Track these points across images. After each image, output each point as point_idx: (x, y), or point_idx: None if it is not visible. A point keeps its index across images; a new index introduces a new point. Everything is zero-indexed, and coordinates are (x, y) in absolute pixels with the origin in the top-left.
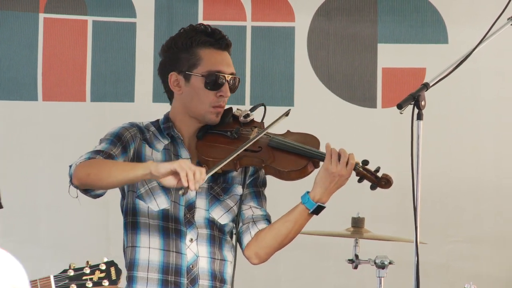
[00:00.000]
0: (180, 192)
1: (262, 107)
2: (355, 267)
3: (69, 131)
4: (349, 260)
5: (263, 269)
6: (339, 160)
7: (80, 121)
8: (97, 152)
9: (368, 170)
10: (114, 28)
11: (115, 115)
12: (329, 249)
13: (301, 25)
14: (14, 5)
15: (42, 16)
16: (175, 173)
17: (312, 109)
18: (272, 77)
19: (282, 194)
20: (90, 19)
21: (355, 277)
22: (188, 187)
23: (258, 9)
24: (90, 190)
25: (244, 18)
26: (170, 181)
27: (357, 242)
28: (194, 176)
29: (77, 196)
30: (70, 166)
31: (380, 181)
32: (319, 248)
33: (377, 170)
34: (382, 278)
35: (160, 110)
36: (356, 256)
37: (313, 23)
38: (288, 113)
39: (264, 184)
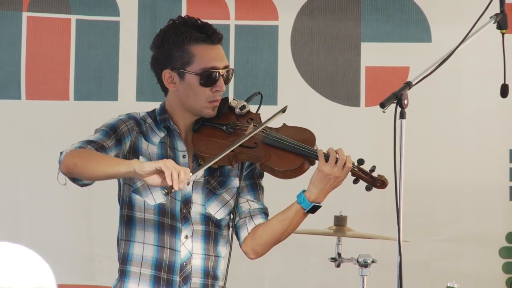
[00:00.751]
0: (164, 191)
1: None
2: (338, 266)
3: (53, 130)
4: (331, 258)
5: (247, 267)
6: (336, 161)
7: (64, 120)
8: (90, 142)
9: (363, 171)
10: (98, 27)
11: (99, 114)
12: (311, 247)
13: (285, 23)
14: None
15: (25, 14)
16: (160, 172)
17: (295, 108)
18: (255, 76)
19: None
20: (73, 17)
21: (338, 275)
22: (172, 187)
23: (242, 7)
24: (77, 179)
25: (227, 16)
26: (154, 180)
27: (339, 241)
28: (179, 176)
29: (65, 183)
30: (61, 153)
31: (376, 182)
32: (302, 247)
33: (373, 169)
34: (365, 277)
35: (144, 108)
36: (339, 254)
37: (296, 21)
38: (285, 109)
39: (261, 175)
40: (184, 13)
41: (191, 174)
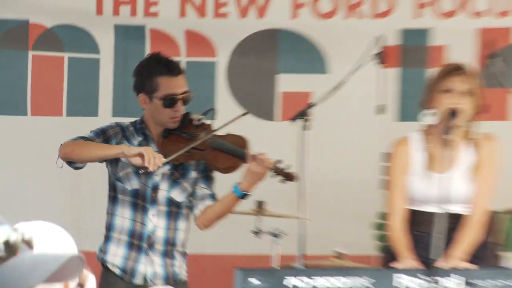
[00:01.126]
0: (141, 171)
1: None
2: (258, 237)
3: (50, 138)
4: (253, 231)
5: (195, 236)
6: (260, 162)
7: (58, 131)
8: (82, 137)
9: (280, 169)
10: (83, 62)
11: (84, 126)
12: (239, 223)
13: (222, 59)
14: (4, 44)
15: (31, 53)
16: (141, 156)
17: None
18: (199, 100)
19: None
20: (66, 55)
21: (258, 244)
22: (147, 168)
23: (190, 47)
24: (73, 163)
25: (179, 54)
26: (136, 161)
27: (259, 218)
28: (154, 161)
29: (62, 166)
30: (61, 144)
31: (288, 177)
32: (233, 223)
33: (286, 167)
34: (277, 245)
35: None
36: (259, 228)
37: (231, 58)
38: (246, 113)
39: (212, 169)
40: (148, 51)
41: (164, 160)
